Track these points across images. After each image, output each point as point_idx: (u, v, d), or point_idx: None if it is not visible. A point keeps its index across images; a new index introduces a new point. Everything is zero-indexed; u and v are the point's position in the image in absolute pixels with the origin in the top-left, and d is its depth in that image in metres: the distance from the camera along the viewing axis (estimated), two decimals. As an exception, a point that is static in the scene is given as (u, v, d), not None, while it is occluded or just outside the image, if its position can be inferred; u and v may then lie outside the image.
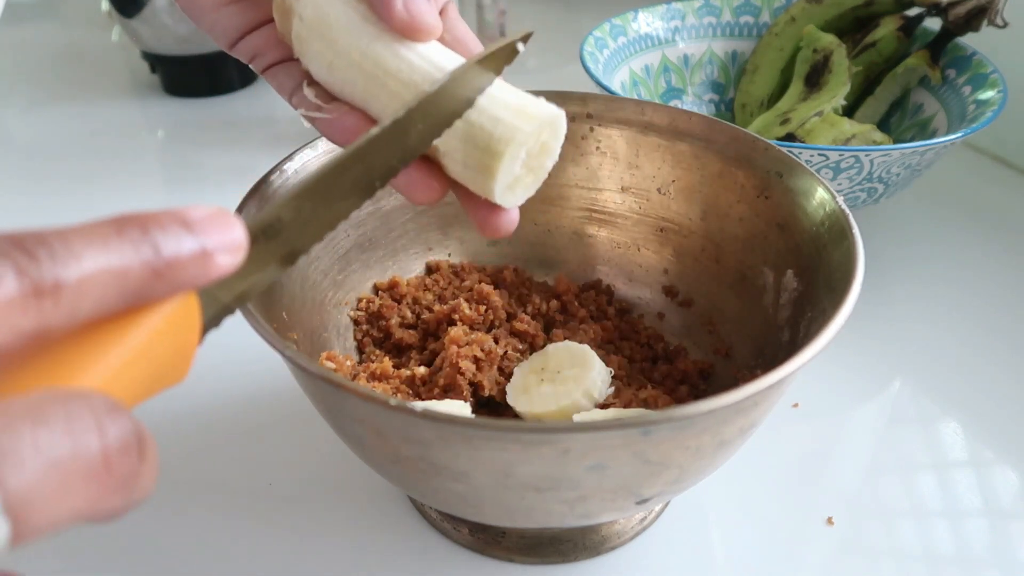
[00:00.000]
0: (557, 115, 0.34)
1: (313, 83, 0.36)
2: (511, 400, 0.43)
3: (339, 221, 0.29)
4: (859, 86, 0.65)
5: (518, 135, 0.33)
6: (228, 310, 0.25)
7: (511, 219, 0.36)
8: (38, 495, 0.17)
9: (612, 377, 0.43)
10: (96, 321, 0.20)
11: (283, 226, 0.26)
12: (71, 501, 0.18)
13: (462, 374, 0.42)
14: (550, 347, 0.44)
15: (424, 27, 0.33)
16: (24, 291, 0.17)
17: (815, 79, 0.64)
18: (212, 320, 0.24)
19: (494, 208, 0.35)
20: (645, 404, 0.42)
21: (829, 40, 0.64)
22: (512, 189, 0.34)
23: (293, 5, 0.35)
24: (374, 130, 0.30)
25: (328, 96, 0.36)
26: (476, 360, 0.43)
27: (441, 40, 0.35)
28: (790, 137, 0.59)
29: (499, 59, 0.34)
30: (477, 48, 0.37)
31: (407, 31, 0.34)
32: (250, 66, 0.39)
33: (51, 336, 0.19)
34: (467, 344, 0.44)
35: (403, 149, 0.31)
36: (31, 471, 0.17)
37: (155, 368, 0.21)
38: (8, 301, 0.17)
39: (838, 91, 0.61)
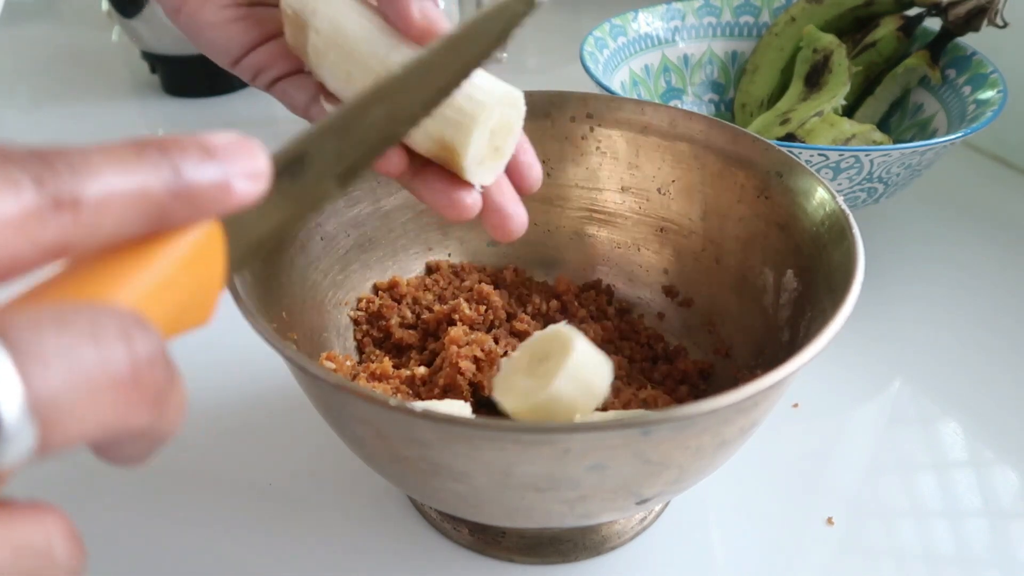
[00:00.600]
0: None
1: (331, 96, 0.36)
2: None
3: (362, 167, 0.28)
4: (859, 86, 0.65)
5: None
6: (253, 252, 0.24)
7: (520, 222, 0.36)
8: (65, 399, 0.17)
9: (612, 377, 0.43)
10: (119, 244, 0.19)
11: (308, 163, 0.25)
12: (99, 409, 0.17)
13: (462, 374, 0.42)
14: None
15: (439, 32, 0.34)
16: (43, 201, 0.17)
17: (815, 79, 0.64)
18: (237, 261, 0.23)
19: (459, 187, 0.35)
20: (645, 404, 0.42)
21: (829, 40, 0.64)
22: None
23: (309, 19, 0.35)
24: (397, 70, 0.29)
25: None
26: (476, 360, 0.43)
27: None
28: (790, 137, 0.59)
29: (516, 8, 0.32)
30: None
31: (425, 38, 0.34)
32: (251, 83, 0.39)
33: (72, 253, 0.18)
34: (467, 344, 0.44)
35: (427, 94, 0.30)
36: (57, 373, 0.17)
37: (180, 299, 0.21)
38: (26, 210, 0.17)
39: (838, 91, 0.61)
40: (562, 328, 0.39)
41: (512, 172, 0.38)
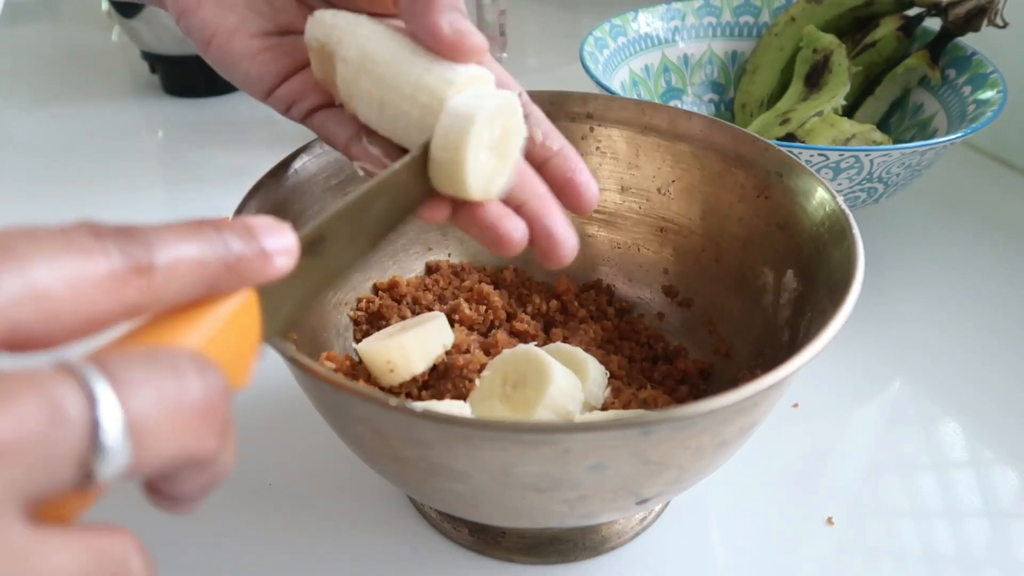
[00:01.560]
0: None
1: (373, 135, 0.35)
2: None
3: (374, 244, 0.31)
4: (859, 86, 0.65)
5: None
6: (284, 324, 0.27)
7: (571, 246, 0.34)
8: (154, 422, 0.19)
9: (611, 378, 0.43)
10: (179, 307, 0.23)
11: (326, 243, 0.29)
12: (180, 432, 0.20)
13: (462, 375, 0.42)
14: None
15: (472, 46, 0.33)
16: (127, 266, 0.20)
17: (815, 79, 0.64)
18: (271, 333, 0.26)
19: (505, 221, 0.34)
20: (645, 404, 0.42)
21: (829, 40, 0.64)
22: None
23: (335, 49, 0.34)
24: (397, 164, 0.32)
25: (391, 147, 0.35)
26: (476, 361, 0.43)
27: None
28: (790, 137, 0.59)
29: None
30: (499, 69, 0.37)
31: (456, 52, 0.33)
32: (286, 115, 0.37)
33: (145, 313, 0.21)
34: (467, 350, 0.44)
35: (425, 182, 0.33)
36: (148, 400, 0.19)
37: (227, 356, 0.23)
38: (114, 273, 0.20)
39: (838, 91, 0.61)
40: (535, 353, 0.39)
41: (566, 193, 0.36)
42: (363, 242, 0.31)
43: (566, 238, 0.34)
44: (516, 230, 0.34)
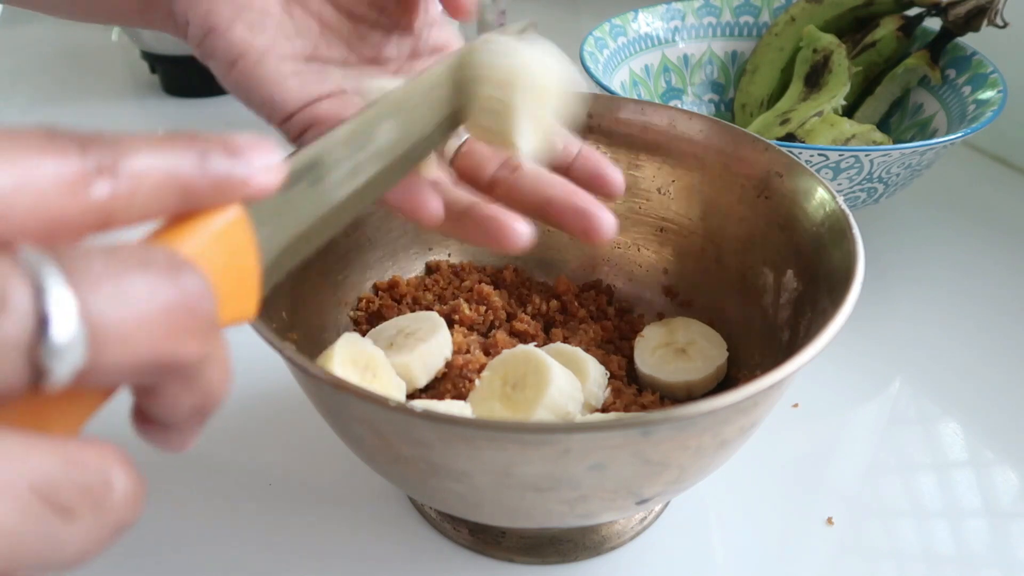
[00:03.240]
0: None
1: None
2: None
3: (383, 184, 0.29)
4: (859, 86, 0.65)
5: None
6: (287, 255, 0.25)
7: (610, 222, 0.35)
8: (118, 318, 0.18)
9: (611, 378, 0.43)
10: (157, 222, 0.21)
11: (324, 170, 0.27)
12: (152, 334, 0.18)
13: (462, 375, 0.42)
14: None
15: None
16: (87, 166, 0.19)
17: (815, 79, 0.64)
18: (272, 263, 0.25)
19: (509, 220, 0.34)
20: (644, 408, 0.42)
21: (829, 40, 0.64)
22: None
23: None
24: (411, 81, 0.30)
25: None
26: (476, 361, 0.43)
27: None
28: (790, 137, 0.59)
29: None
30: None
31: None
32: (295, 141, 0.36)
33: (113, 224, 0.20)
34: (467, 350, 0.44)
35: (445, 112, 0.31)
36: (109, 292, 0.18)
37: (216, 275, 0.21)
38: (74, 172, 0.18)
39: (838, 91, 0.61)
40: (535, 353, 0.39)
41: (594, 187, 0.37)
42: (368, 175, 0.28)
43: (602, 212, 0.35)
44: (518, 220, 0.34)
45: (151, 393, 0.20)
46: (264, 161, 0.23)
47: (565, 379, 0.39)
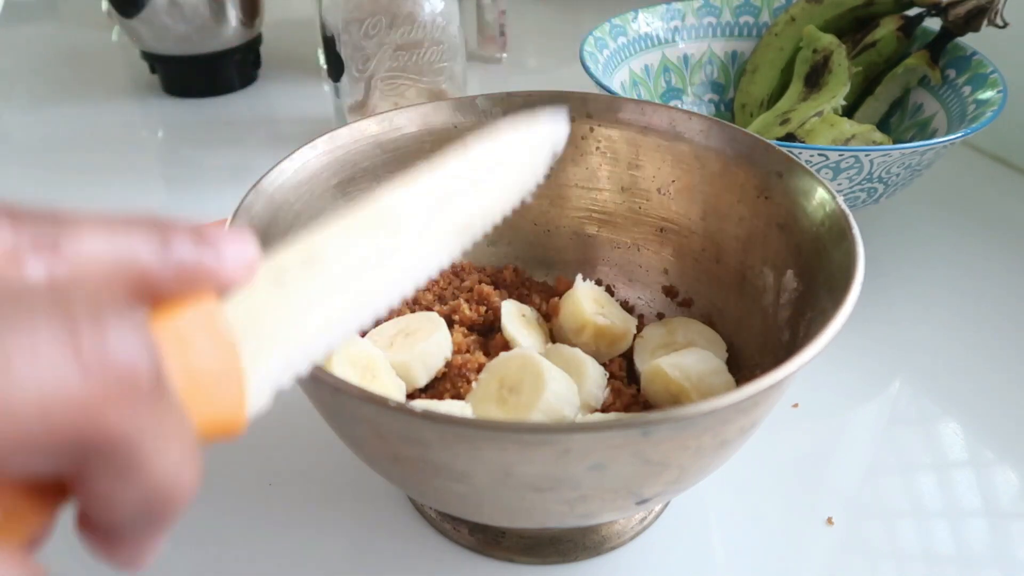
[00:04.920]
0: None
1: None
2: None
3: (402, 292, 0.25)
4: (859, 86, 0.65)
5: None
6: (281, 374, 0.22)
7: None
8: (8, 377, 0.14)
9: (611, 378, 0.43)
10: None
11: (326, 264, 0.23)
12: (44, 393, 0.15)
13: (462, 375, 0.42)
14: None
15: None
16: (20, 243, 0.17)
17: (815, 79, 0.64)
18: (262, 389, 0.22)
19: None
20: (644, 408, 0.42)
21: (829, 40, 0.64)
22: None
23: None
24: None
25: None
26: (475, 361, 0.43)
27: None
28: (790, 137, 0.59)
29: None
30: None
31: None
32: None
33: None
34: (466, 350, 0.44)
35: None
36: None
37: (188, 381, 0.19)
38: (10, 249, 0.17)
39: (838, 91, 0.61)
40: (532, 357, 0.39)
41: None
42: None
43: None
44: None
45: (79, 483, 0.16)
46: (238, 252, 0.20)
47: (561, 383, 0.39)
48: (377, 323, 0.46)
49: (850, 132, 0.59)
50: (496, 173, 0.28)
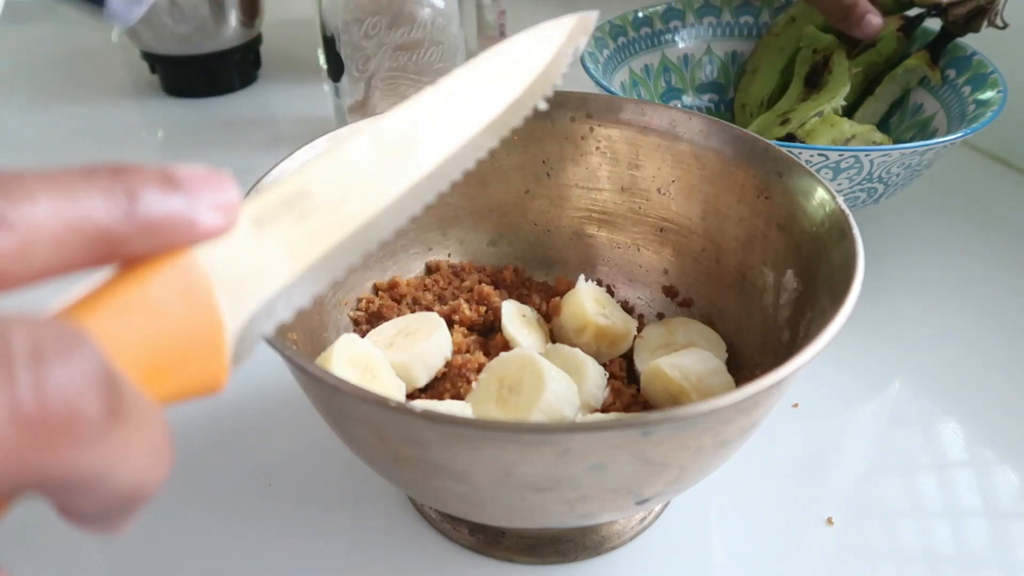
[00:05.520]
0: None
1: None
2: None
3: (390, 223, 0.23)
4: (859, 86, 0.65)
5: None
6: (266, 315, 0.21)
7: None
8: None
9: (610, 378, 0.43)
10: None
11: (314, 203, 0.22)
12: None
13: (462, 375, 0.42)
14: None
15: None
16: None
17: (815, 79, 0.64)
18: (247, 326, 0.20)
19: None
20: (644, 408, 0.42)
21: (829, 40, 0.64)
22: None
23: None
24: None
25: None
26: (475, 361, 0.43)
27: None
28: (790, 137, 0.59)
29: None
30: None
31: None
32: None
33: (14, 282, 0.16)
34: (467, 350, 0.44)
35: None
36: None
37: (161, 343, 0.18)
38: None
39: (838, 91, 0.61)
40: (532, 357, 0.39)
41: None
42: (367, 202, 0.23)
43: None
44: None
45: (40, 493, 0.16)
46: (216, 197, 0.19)
47: (561, 383, 0.39)
48: (377, 324, 0.46)
49: (850, 132, 0.59)
50: (518, 67, 0.28)
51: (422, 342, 0.42)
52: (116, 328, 0.17)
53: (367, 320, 0.47)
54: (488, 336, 0.47)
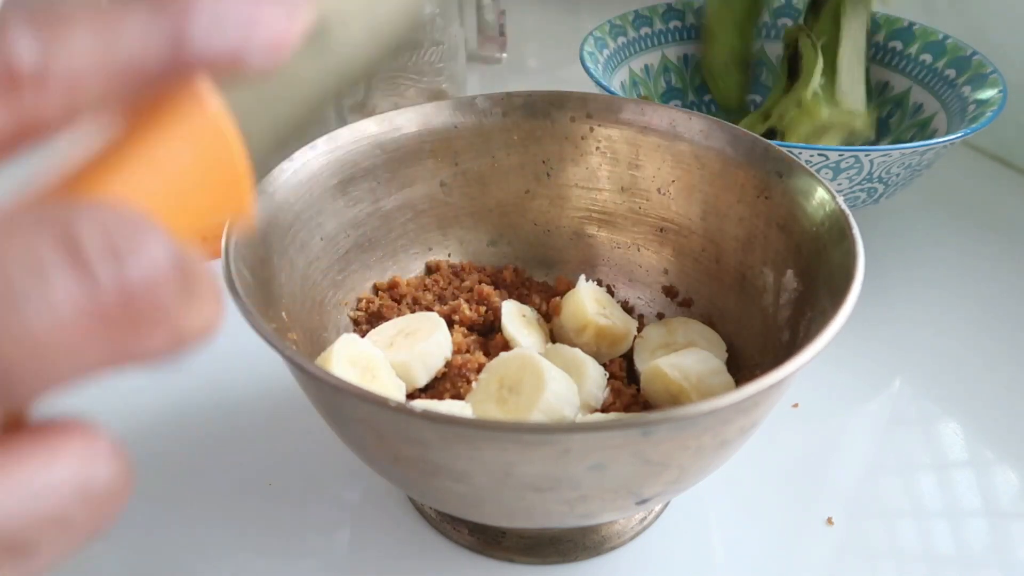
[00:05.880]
0: None
1: None
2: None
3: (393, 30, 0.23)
4: (832, 48, 0.63)
5: None
6: (281, 143, 0.21)
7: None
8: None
9: (611, 378, 0.43)
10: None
11: (328, 26, 0.21)
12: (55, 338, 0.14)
13: (462, 375, 0.42)
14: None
15: None
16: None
17: (795, 70, 0.63)
18: (264, 150, 0.20)
19: None
20: (644, 408, 0.42)
21: (794, 29, 0.64)
22: None
23: None
24: None
25: None
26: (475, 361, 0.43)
27: None
28: (771, 133, 0.59)
29: None
30: None
31: None
32: None
33: (42, 128, 0.16)
34: (467, 350, 0.44)
35: None
36: None
37: (184, 173, 0.17)
38: None
39: (812, 72, 0.61)
40: (531, 357, 0.39)
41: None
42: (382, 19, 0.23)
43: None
44: None
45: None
46: (277, 27, 0.17)
47: (561, 383, 0.39)
48: (376, 324, 0.46)
49: (826, 119, 0.58)
50: None
51: (422, 342, 0.42)
52: (150, 187, 0.17)
53: (367, 320, 0.47)
54: (488, 336, 0.47)
